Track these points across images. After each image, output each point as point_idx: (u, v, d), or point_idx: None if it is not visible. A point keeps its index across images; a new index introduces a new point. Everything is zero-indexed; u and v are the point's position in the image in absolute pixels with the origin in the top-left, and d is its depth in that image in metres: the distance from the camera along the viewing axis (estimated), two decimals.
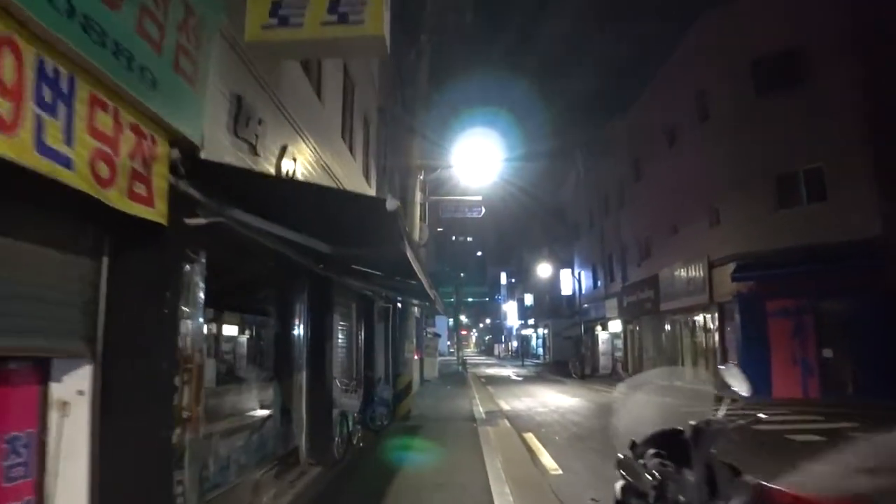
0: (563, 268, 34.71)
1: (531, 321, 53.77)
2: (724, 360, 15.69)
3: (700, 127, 17.11)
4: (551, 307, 45.45)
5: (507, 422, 10.98)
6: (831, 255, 12.94)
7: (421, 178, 11.94)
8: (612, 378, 24.47)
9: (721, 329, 15.80)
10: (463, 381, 23.54)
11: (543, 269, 33.19)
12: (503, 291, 74.87)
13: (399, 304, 11.91)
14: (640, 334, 22.66)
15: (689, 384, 2.66)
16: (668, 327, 19.57)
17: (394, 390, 11.73)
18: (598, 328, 26.76)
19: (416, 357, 21.40)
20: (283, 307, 6.67)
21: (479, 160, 11.78)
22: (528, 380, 25.58)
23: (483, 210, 12.14)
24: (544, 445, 8.54)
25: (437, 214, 16.14)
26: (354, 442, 7.89)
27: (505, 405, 14.22)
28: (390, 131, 12.35)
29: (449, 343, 58.69)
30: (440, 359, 58.59)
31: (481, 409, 12.94)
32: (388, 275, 7.39)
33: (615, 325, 25.76)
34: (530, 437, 9.18)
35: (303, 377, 7.00)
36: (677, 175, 18.35)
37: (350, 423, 7.80)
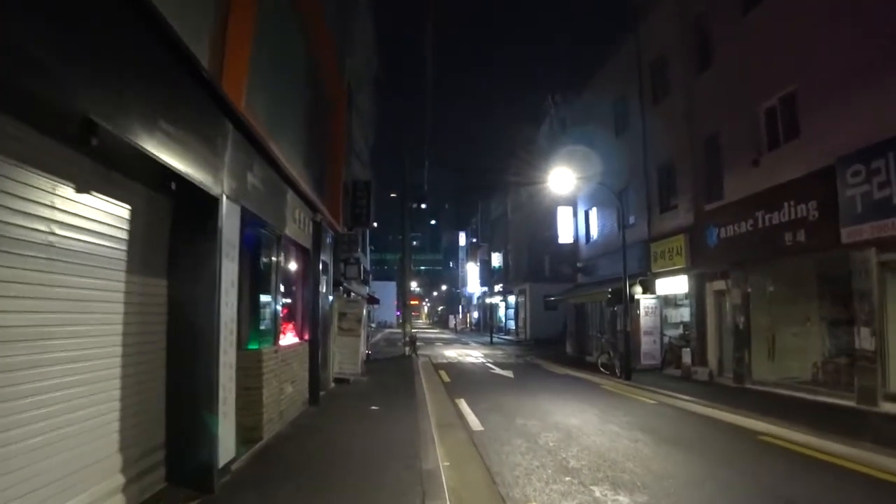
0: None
1: (499, 287, 42.98)
2: None
3: None
4: (530, 267, 34.61)
5: None
6: None
7: None
8: (676, 374, 13.79)
9: None
10: (408, 380, 12.32)
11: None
12: (462, 253, 63.71)
13: None
14: (750, 298, 11.96)
15: None
16: (866, 280, 8.80)
17: None
18: (638, 291, 15.99)
19: (299, 340, 9.77)
20: None
21: None
22: (522, 375, 14.62)
23: None
24: None
25: None
26: None
27: None
28: None
29: (398, 314, 48.33)
30: (386, 332, 47.46)
31: None
32: None
33: (672, 284, 15.06)
34: None
35: None
36: None
37: None
